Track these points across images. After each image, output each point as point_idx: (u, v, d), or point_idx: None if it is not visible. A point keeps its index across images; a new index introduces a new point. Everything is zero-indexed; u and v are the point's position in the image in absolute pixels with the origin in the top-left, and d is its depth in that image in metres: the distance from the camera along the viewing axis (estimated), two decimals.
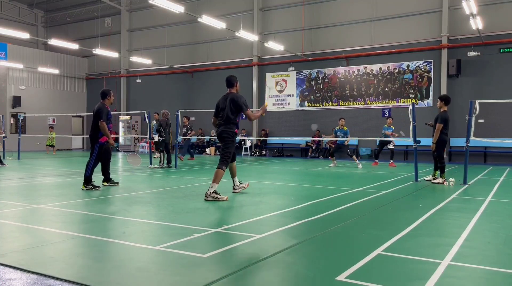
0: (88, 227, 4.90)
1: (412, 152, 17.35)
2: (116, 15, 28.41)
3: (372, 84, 20.45)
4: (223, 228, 4.75)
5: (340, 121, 14.90)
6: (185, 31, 25.76)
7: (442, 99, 9.63)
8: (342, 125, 14.79)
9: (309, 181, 10.50)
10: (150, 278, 3.18)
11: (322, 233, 4.63)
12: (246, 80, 23.45)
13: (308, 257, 3.83)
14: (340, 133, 14.77)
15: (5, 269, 3.31)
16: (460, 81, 18.54)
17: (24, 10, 30.15)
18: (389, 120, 15.66)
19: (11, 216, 5.50)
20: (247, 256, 3.72)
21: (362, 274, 3.28)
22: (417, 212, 5.92)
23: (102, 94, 8.61)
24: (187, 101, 25.02)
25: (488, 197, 7.52)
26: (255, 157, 21.59)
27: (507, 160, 17.77)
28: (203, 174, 11.54)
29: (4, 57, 24.21)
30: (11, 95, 25.95)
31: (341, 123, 14.80)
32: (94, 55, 28.06)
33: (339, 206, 6.37)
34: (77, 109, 29.26)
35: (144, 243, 4.15)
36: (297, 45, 21.89)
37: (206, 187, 8.52)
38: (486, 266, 3.53)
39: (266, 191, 8.00)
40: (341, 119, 14.99)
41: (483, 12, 16.68)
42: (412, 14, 19.45)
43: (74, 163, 16.19)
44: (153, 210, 6.02)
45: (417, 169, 10.29)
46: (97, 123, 8.20)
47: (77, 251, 3.94)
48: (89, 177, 8.01)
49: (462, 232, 4.68)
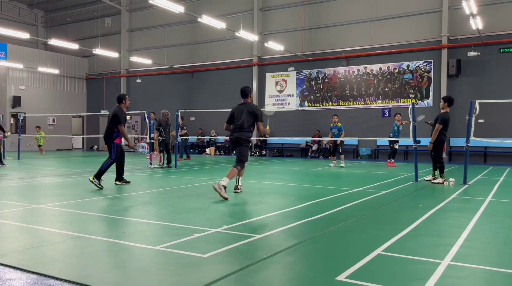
0: (88, 227, 4.90)
1: (412, 152, 17.37)
2: (116, 15, 28.41)
3: (372, 84, 20.45)
4: (223, 228, 4.75)
5: (333, 118, 15.01)
6: (185, 31, 25.76)
7: (446, 100, 9.61)
8: (336, 122, 14.91)
9: (309, 181, 10.50)
10: (150, 278, 3.18)
11: (322, 233, 4.63)
12: (246, 80, 23.45)
13: (308, 257, 3.83)
14: (334, 130, 14.94)
15: (5, 269, 3.31)
16: (460, 81, 18.54)
17: (24, 10, 30.15)
18: (397, 116, 15.53)
19: (11, 216, 5.50)
20: (247, 256, 3.72)
21: (362, 274, 3.28)
22: (417, 212, 5.92)
23: (118, 99, 8.99)
24: (187, 101, 25.03)
25: (488, 197, 7.52)
26: (255, 157, 21.59)
27: (507, 160, 17.77)
28: (203, 174, 11.55)
29: (4, 57, 24.21)
30: (11, 95, 25.95)
31: (335, 120, 14.93)
32: (94, 55, 28.06)
33: (339, 206, 6.37)
34: (77, 109, 29.27)
35: (144, 243, 4.15)
36: (297, 45, 21.89)
37: (206, 187, 8.53)
38: (486, 266, 3.53)
39: (266, 191, 8.00)
40: (334, 116, 15.09)
41: (483, 12, 16.68)
42: (412, 14, 19.45)
43: (74, 163, 16.19)
44: (153, 210, 6.02)
45: (417, 169, 10.29)
46: (112, 126, 8.57)
47: (77, 251, 3.94)
48: (102, 173, 8.31)
49: (462, 232, 4.68)
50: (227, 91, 23.93)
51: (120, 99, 8.91)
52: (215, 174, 11.63)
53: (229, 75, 24.13)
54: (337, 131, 14.91)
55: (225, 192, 6.81)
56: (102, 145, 29.07)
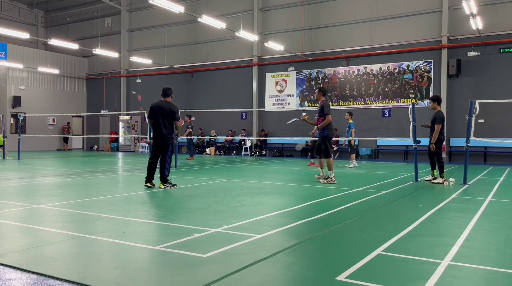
0: (88, 227, 4.89)
1: (412, 152, 17.37)
2: (116, 15, 28.40)
3: (372, 84, 20.46)
4: (223, 228, 4.75)
5: (346, 116, 15.00)
6: (185, 31, 25.76)
7: (435, 99, 9.73)
8: (348, 119, 14.88)
9: (309, 181, 10.49)
10: (150, 278, 3.18)
11: (322, 233, 4.63)
12: (246, 80, 23.47)
13: (308, 257, 3.83)
14: (347, 127, 14.87)
15: (5, 269, 3.31)
16: (460, 81, 18.54)
17: (24, 10, 30.14)
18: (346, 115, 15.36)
19: (11, 216, 5.49)
20: (247, 256, 3.71)
21: (362, 274, 3.28)
22: (417, 212, 5.92)
23: (169, 91, 8.43)
24: (187, 101, 25.02)
25: (488, 197, 7.52)
26: (255, 157, 21.59)
27: (507, 160, 17.77)
28: (203, 174, 11.54)
29: (4, 57, 24.21)
30: (11, 95, 25.95)
31: (347, 117, 14.91)
32: (94, 55, 28.06)
33: (339, 206, 6.37)
34: (77, 109, 29.27)
35: (144, 243, 4.15)
36: (297, 45, 21.89)
37: (206, 187, 8.54)
38: (486, 266, 3.53)
39: (266, 191, 7.99)
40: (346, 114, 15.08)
41: (483, 12, 16.68)
42: (412, 14, 19.45)
43: (74, 163, 16.19)
44: (153, 210, 6.03)
45: (417, 169, 10.28)
46: (171, 122, 8.13)
47: (77, 251, 3.93)
48: (166, 176, 8.19)
49: (462, 232, 4.67)
50: (227, 91, 23.94)
51: (170, 92, 8.42)
52: (215, 174, 11.63)
53: (229, 75, 24.13)
54: (348, 128, 14.81)
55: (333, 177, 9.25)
56: (102, 145, 29.10)
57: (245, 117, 23.83)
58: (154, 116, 8.18)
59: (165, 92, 8.44)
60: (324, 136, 9.54)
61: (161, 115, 8.13)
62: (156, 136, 8.17)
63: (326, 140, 9.52)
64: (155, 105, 8.28)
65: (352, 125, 14.75)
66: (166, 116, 8.13)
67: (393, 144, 19.70)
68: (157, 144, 8.20)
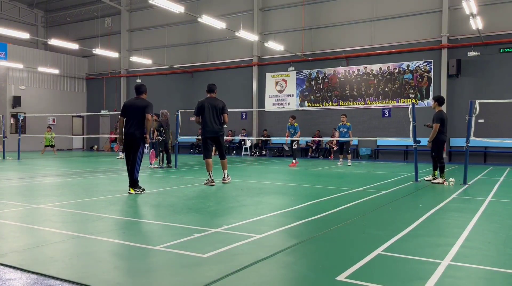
0: (88, 227, 4.89)
1: (412, 152, 17.36)
2: (116, 15, 28.40)
3: (372, 84, 20.45)
4: (223, 228, 4.75)
5: (342, 117, 15.49)
6: (185, 31, 25.76)
7: (436, 99, 9.84)
8: (344, 121, 15.40)
9: (309, 181, 10.50)
10: (150, 278, 3.18)
11: (322, 233, 4.63)
12: (246, 80, 23.47)
13: (308, 257, 3.83)
14: (343, 128, 15.42)
15: (5, 269, 3.31)
16: (460, 81, 18.54)
17: (24, 10, 30.14)
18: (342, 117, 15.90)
19: (11, 216, 5.49)
20: (247, 256, 3.71)
21: (362, 274, 3.28)
22: (417, 212, 5.92)
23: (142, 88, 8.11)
24: (187, 101, 25.01)
25: (488, 197, 7.52)
26: (255, 157, 21.59)
27: (507, 160, 17.77)
28: (203, 174, 11.53)
29: (4, 57, 24.21)
30: (11, 95, 25.95)
31: (343, 119, 15.40)
32: (94, 55, 28.06)
33: (339, 206, 6.37)
34: (77, 109, 29.27)
35: (144, 243, 4.15)
36: (297, 45, 21.89)
37: (206, 187, 8.53)
38: (486, 266, 3.53)
39: (266, 191, 7.99)
40: (342, 115, 15.57)
41: (483, 12, 16.68)
42: (412, 14, 19.45)
43: (74, 163, 16.19)
44: (153, 210, 6.02)
45: (417, 169, 10.28)
46: (142, 120, 7.63)
47: (77, 251, 3.93)
48: (137, 180, 7.61)
49: (462, 232, 4.67)
50: (227, 91, 23.90)
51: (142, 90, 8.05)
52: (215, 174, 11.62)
53: (229, 75, 24.13)
54: (346, 129, 15.36)
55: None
56: (102, 145, 29.09)
57: (245, 117, 23.83)
58: (126, 113, 7.82)
59: (138, 89, 8.10)
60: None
61: (133, 111, 7.74)
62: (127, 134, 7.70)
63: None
64: (127, 103, 7.96)
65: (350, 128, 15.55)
66: (138, 113, 7.71)
67: (393, 144, 19.70)
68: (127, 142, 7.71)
